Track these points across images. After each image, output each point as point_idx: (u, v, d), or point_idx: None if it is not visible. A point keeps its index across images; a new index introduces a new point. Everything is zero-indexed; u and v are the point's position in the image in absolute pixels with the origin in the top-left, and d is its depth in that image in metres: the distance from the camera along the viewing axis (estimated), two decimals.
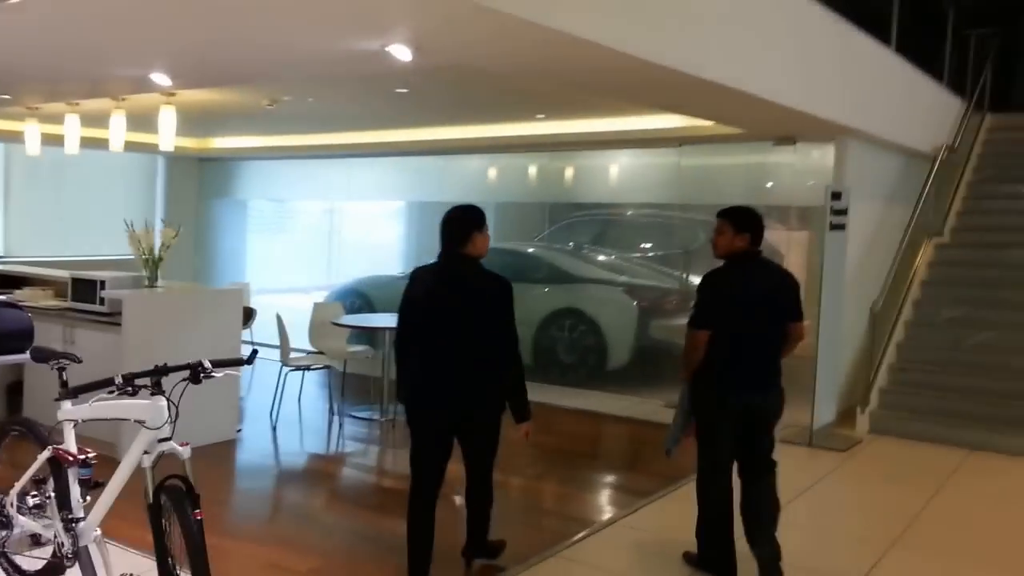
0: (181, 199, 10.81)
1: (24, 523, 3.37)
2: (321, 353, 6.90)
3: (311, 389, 7.69)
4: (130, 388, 2.88)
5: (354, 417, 6.96)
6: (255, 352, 3.23)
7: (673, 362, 8.20)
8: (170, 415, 2.94)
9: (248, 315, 6.31)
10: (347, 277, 10.09)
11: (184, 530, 2.78)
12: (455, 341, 3.58)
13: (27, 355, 4.07)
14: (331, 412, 7.08)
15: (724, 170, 8.05)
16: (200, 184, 11.17)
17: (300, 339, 7.11)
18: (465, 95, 6.21)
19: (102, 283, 5.58)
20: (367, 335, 7.79)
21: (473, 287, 3.62)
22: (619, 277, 8.40)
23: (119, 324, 5.41)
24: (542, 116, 7.51)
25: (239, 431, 6.14)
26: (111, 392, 2.92)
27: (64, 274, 5.98)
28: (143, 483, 2.91)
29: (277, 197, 11.08)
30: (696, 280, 8.19)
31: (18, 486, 3.39)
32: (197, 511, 2.83)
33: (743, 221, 3.89)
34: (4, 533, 3.42)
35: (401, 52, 3.97)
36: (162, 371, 2.96)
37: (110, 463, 3.18)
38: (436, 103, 6.75)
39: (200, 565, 2.76)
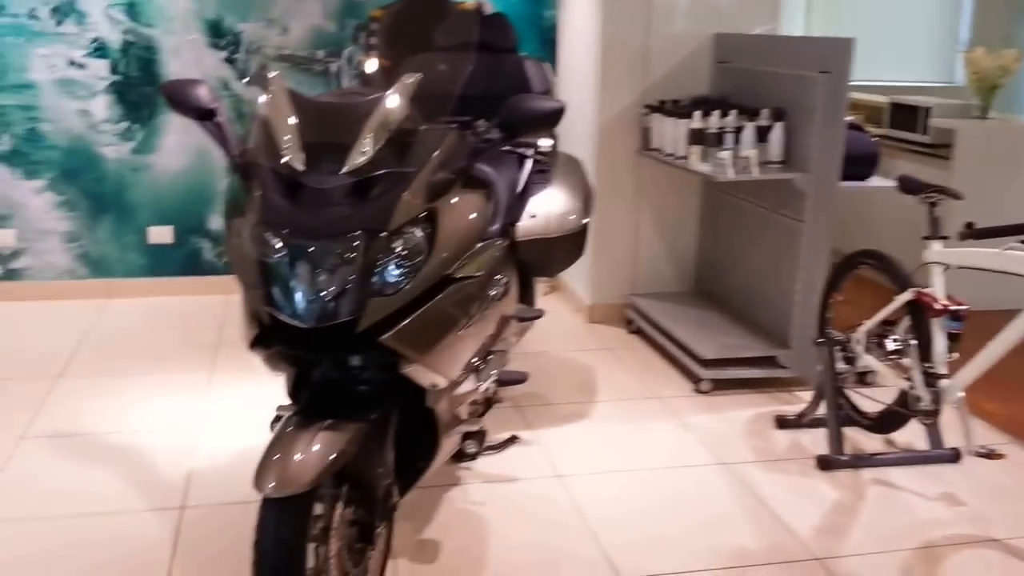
0: (992, 18, 9.49)
1: (870, 363, 3.19)
2: None
3: None
4: None
5: None
6: None
7: None
8: None
9: None
10: None
11: None
12: None
13: (870, 183, 3.84)
14: None
15: None
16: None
17: None
18: None
19: (927, 111, 5.05)
20: None
21: None
22: None
23: (944, 158, 4.88)
24: None
25: None
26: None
27: (881, 99, 5.62)
28: None
29: None
30: None
31: (869, 324, 3.19)
32: None
33: None
34: (846, 368, 3.30)
35: None
36: None
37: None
38: None
39: None
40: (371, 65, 3.60)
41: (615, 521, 2.79)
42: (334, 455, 1.84)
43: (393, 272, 1.90)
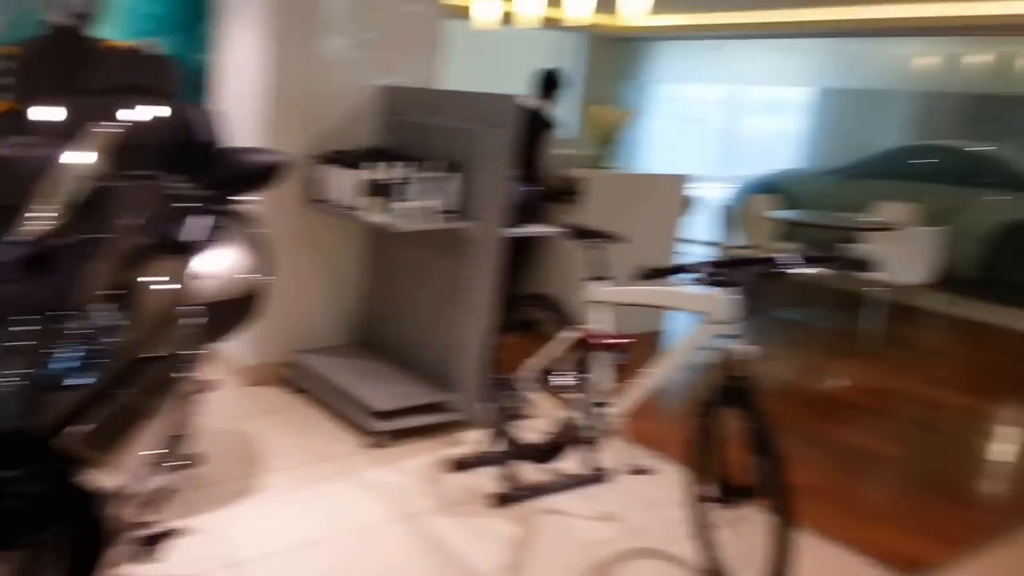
0: (599, 80, 10.60)
1: (537, 398, 3.33)
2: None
3: None
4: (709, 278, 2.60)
5: (787, 320, 6.45)
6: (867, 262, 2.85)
7: None
8: (745, 310, 2.62)
9: (688, 204, 5.96)
10: (748, 168, 9.42)
11: (755, 425, 2.46)
12: None
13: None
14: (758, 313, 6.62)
15: None
16: (616, 66, 10.82)
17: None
18: None
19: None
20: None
21: None
22: None
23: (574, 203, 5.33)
24: None
25: None
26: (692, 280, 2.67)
27: None
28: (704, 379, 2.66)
29: (680, 80, 10.55)
30: None
31: (535, 362, 3.32)
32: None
33: None
34: (516, 405, 3.41)
35: None
36: (742, 262, 2.65)
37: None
38: None
39: (773, 464, 2.42)
40: (35, 112, 2.91)
41: None
42: None
43: (77, 359, 1.56)
